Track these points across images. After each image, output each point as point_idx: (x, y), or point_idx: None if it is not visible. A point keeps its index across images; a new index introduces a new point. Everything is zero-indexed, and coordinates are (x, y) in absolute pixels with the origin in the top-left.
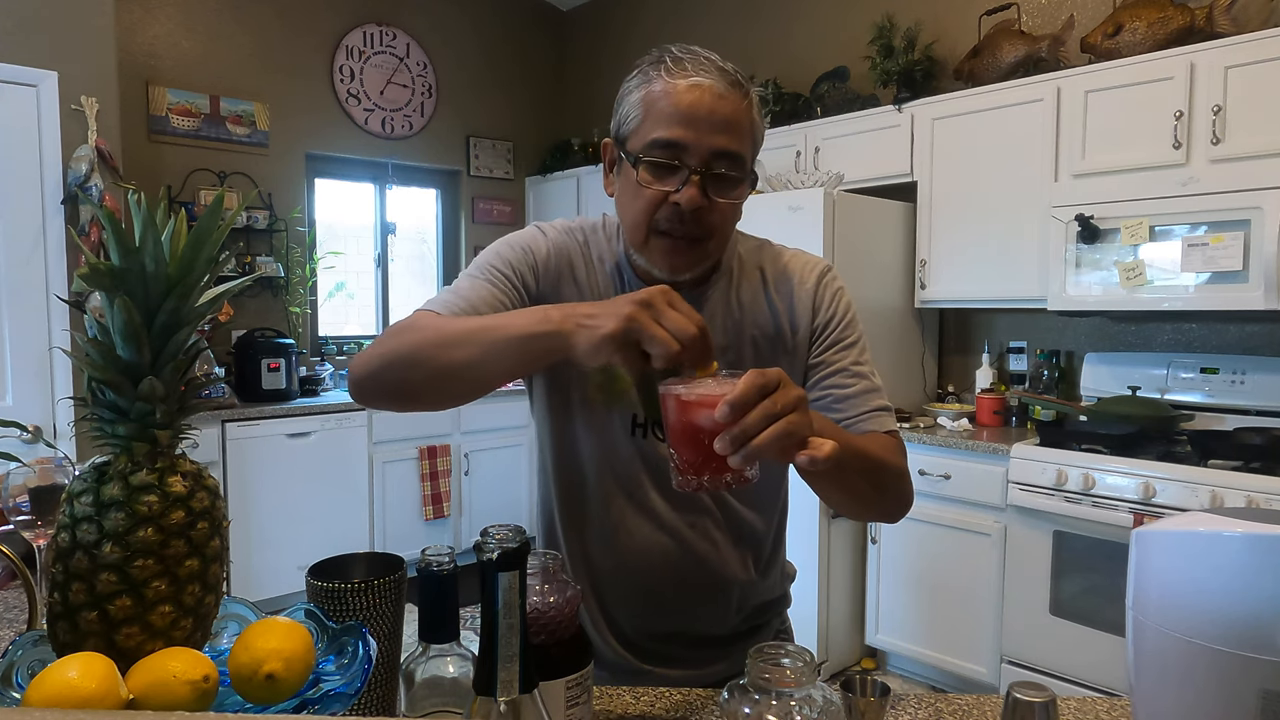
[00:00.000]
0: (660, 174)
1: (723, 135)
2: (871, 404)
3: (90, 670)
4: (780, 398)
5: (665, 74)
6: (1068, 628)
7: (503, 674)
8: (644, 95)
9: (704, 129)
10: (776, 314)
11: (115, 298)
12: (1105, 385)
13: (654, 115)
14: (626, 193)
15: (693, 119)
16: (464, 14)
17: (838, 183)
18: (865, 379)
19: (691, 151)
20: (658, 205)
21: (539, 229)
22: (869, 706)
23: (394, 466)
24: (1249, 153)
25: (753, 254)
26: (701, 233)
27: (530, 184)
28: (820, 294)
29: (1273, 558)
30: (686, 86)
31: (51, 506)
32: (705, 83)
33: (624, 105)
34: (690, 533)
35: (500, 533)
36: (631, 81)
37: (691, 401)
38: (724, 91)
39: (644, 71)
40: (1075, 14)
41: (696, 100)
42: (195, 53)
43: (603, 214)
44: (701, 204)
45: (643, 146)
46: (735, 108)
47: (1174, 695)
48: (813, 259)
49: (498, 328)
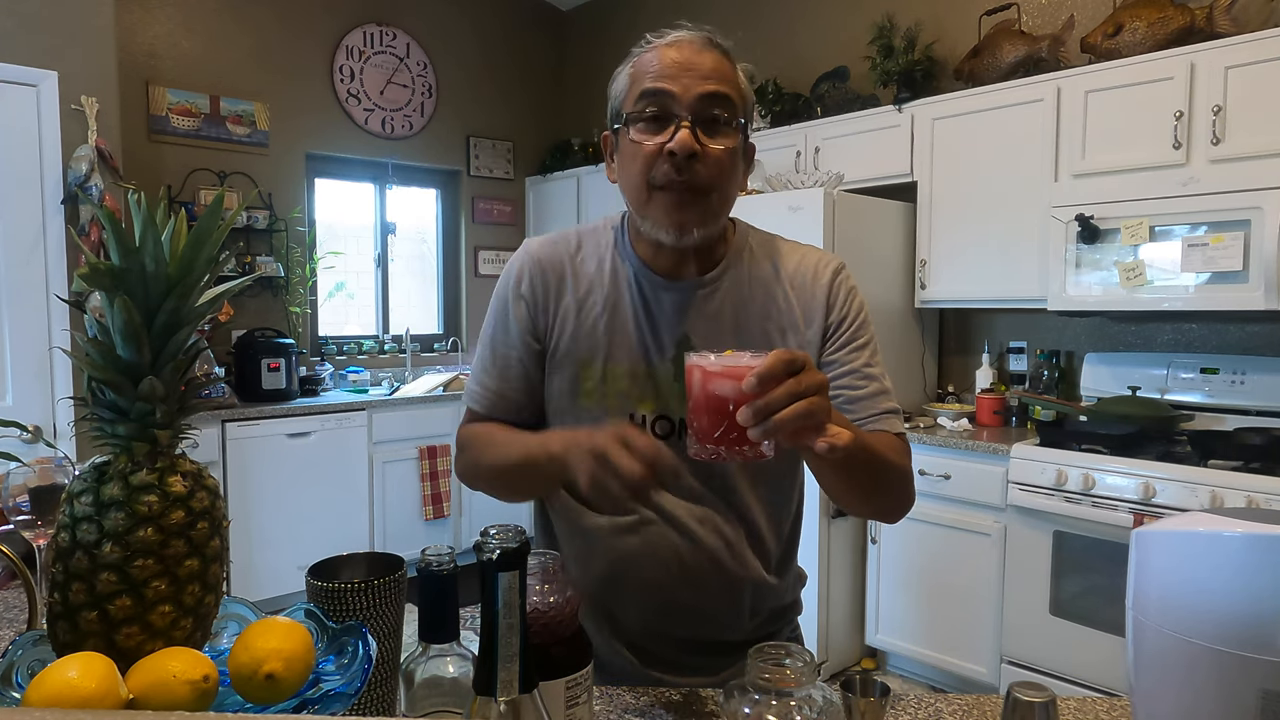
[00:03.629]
0: (651, 128)
1: (709, 81)
2: (882, 406)
3: (90, 670)
4: (805, 379)
5: (645, 46)
6: (1068, 628)
7: (503, 674)
8: (630, 68)
9: (690, 77)
10: (790, 307)
11: (115, 298)
12: (1105, 385)
13: (640, 77)
14: (625, 161)
15: (677, 70)
16: (464, 14)
17: (838, 183)
18: (877, 380)
19: (679, 100)
20: (654, 161)
21: (525, 250)
22: (869, 706)
23: (394, 466)
24: (1249, 153)
25: (764, 246)
26: (701, 183)
27: (530, 184)
28: (835, 292)
29: (1273, 558)
30: (668, 44)
31: (51, 506)
32: (685, 38)
33: (614, 87)
34: (701, 529)
35: (500, 533)
36: (618, 69)
37: (716, 372)
38: (703, 49)
39: (629, 56)
40: (1075, 14)
41: (679, 53)
42: (195, 53)
43: (605, 216)
44: (694, 147)
45: (632, 107)
46: (718, 60)
47: (1174, 695)
48: (826, 255)
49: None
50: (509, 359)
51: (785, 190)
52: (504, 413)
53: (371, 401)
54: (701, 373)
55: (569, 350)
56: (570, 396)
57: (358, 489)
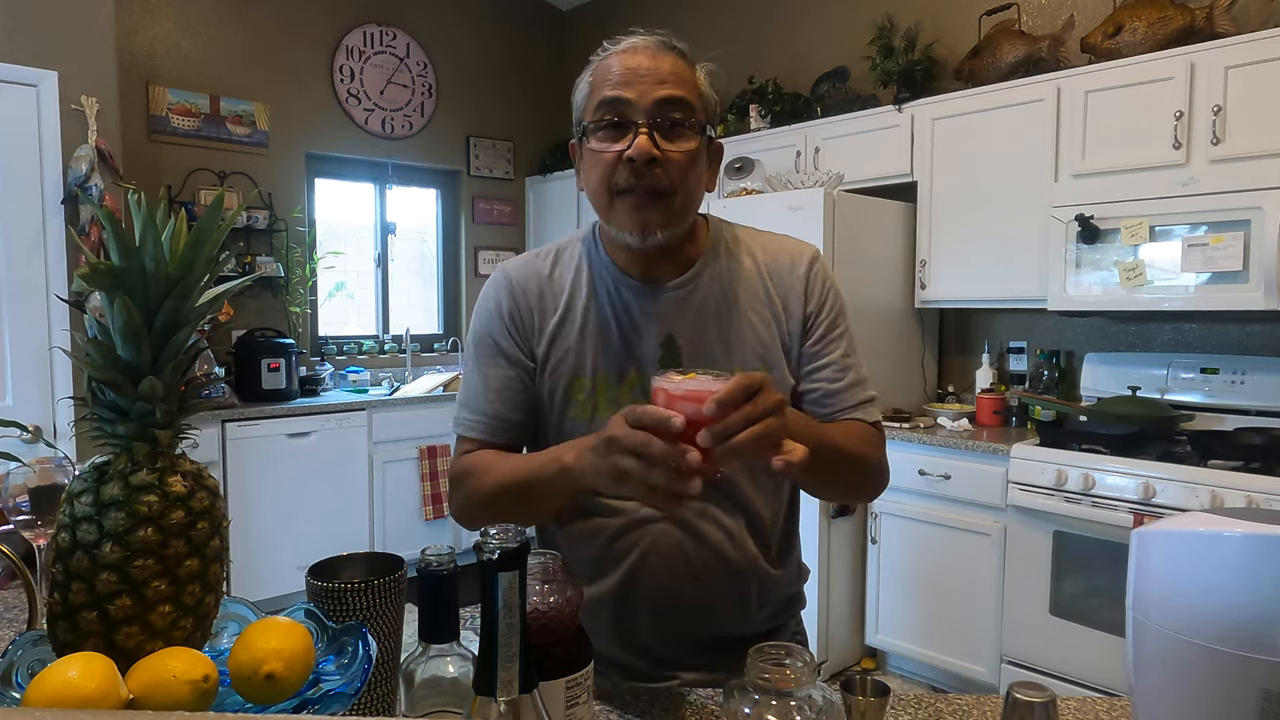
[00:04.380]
0: (610, 135)
1: (665, 85)
2: (859, 397)
3: (90, 670)
4: (763, 400)
5: (603, 54)
6: (1068, 628)
7: (503, 674)
8: (590, 76)
9: (645, 83)
10: (771, 298)
11: (115, 298)
12: (1105, 385)
13: (598, 85)
14: (587, 169)
15: (632, 76)
16: (464, 14)
17: (838, 183)
18: (853, 370)
19: (635, 106)
20: (614, 168)
21: (502, 273)
22: (869, 706)
23: (394, 466)
24: (1249, 153)
25: (740, 239)
26: (662, 186)
27: (530, 184)
28: (811, 283)
29: (1273, 558)
30: (622, 51)
31: (51, 506)
32: (640, 44)
33: (576, 96)
34: (702, 523)
35: (500, 533)
36: (580, 77)
37: (679, 395)
38: (659, 53)
39: (589, 62)
40: (1075, 14)
41: (633, 60)
42: (195, 53)
43: (574, 230)
44: (653, 153)
45: (592, 115)
46: (675, 64)
47: (1174, 695)
48: (801, 244)
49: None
50: (507, 380)
51: (785, 190)
52: (504, 436)
53: (371, 401)
54: (665, 395)
55: (557, 365)
56: (562, 410)
57: (358, 489)
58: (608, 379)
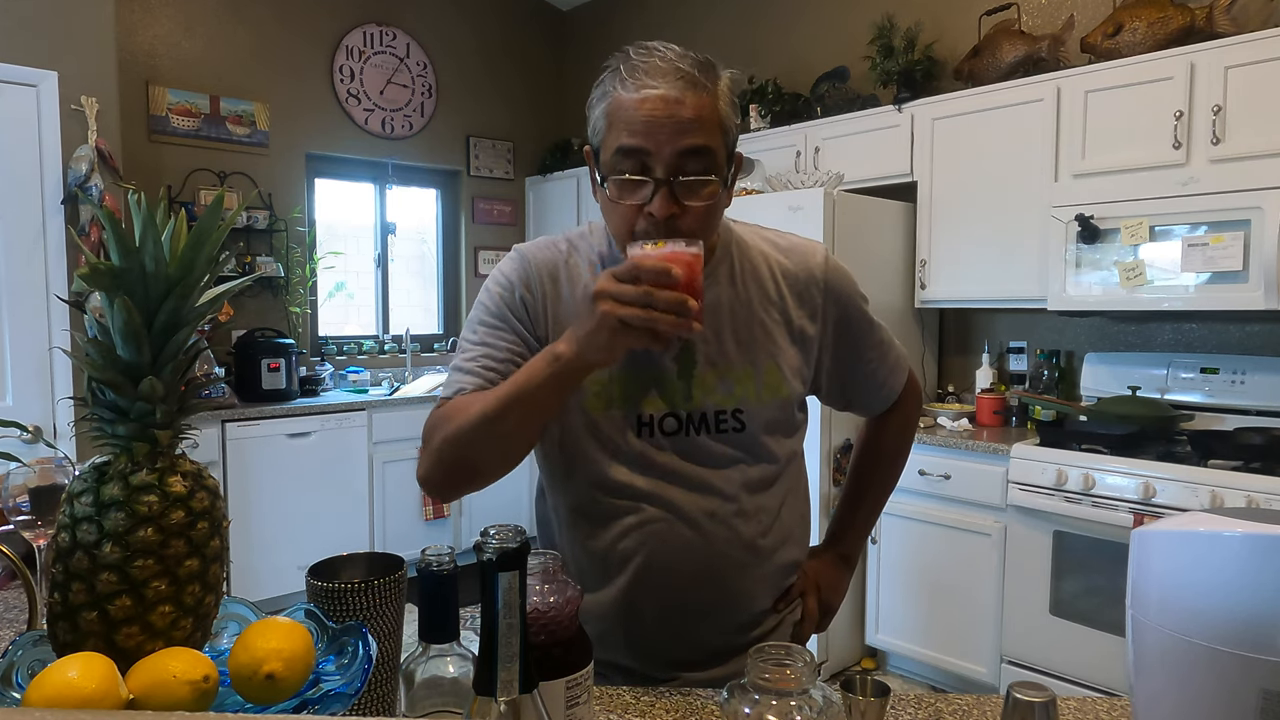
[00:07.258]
0: (628, 189)
1: (685, 136)
2: (899, 368)
3: (90, 670)
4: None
5: (622, 87)
6: (1068, 628)
7: (503, 674)
8: (606, 108)
9: (664, 135)
10: (783, 296)
11: (115, 298)
12: (1105, 385)
13: (615, 128)
14: (606, 209)
15: (651, 128)
16: (464, 14)
17: (838, 183)
18: (888, 344)
19: (655, 159)
20: (634, 217)
21: (518, 252)
22: (869, 706)
23: (394, 466)
24: (1249, 153)
25: (750, 238)
26: (682, 232)
27: (530, 184)
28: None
29: (1273, 558)
30: (641, 99)
31: (51, 506)
32: (659, 91)
33: (592, 115)
34: (708, 522)
35: (500, 533)
36: (596, 92)
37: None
38: (680, 95)
39: (604, 83)
40: (1075, 14)
41: (653, 110)
42: (195, 53)
43: (589, 221)
44: (673, 210)
45: (609, 158)
46: (696, 106)
47: (1174, 695)
48: (810, 244)
49: (525, 385)
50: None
51: (785, 190)
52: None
53: (371, 401)
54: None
55: None
56: (577, 400)
57: (358, 489)
58: (623, 372)
